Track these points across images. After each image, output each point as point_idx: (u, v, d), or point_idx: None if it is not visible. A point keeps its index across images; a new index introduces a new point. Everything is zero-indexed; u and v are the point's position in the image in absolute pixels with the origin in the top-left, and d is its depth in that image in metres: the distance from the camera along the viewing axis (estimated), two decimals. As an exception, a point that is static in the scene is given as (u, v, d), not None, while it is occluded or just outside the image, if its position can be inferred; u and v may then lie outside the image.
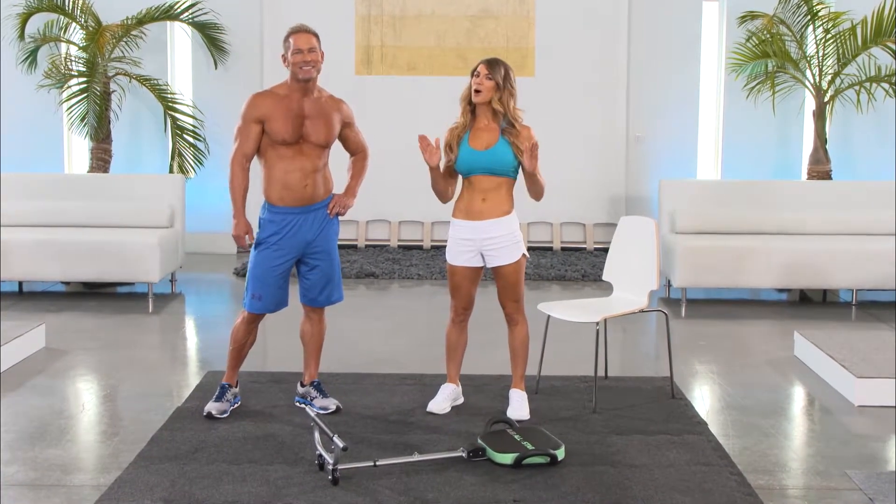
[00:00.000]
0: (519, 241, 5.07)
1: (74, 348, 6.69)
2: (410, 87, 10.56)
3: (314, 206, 5.08)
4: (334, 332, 5.58)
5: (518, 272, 5.09)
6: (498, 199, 5.04)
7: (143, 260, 8.13)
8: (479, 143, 5.04)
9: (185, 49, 10.59)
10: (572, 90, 10.57)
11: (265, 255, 5.10)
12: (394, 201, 10.74)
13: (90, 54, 9.61)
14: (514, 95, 5.02)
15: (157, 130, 10.37)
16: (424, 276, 9.36)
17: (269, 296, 5.11)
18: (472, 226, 5.07)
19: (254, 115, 5.00)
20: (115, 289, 8.78)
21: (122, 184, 9.04)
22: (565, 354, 6.31)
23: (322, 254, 5.14)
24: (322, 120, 5.05)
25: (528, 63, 10.54)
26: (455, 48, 10.53)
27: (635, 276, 5.54)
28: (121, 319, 7.63)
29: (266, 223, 5.10)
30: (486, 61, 5.00)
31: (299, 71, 4.97)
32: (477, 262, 5.14)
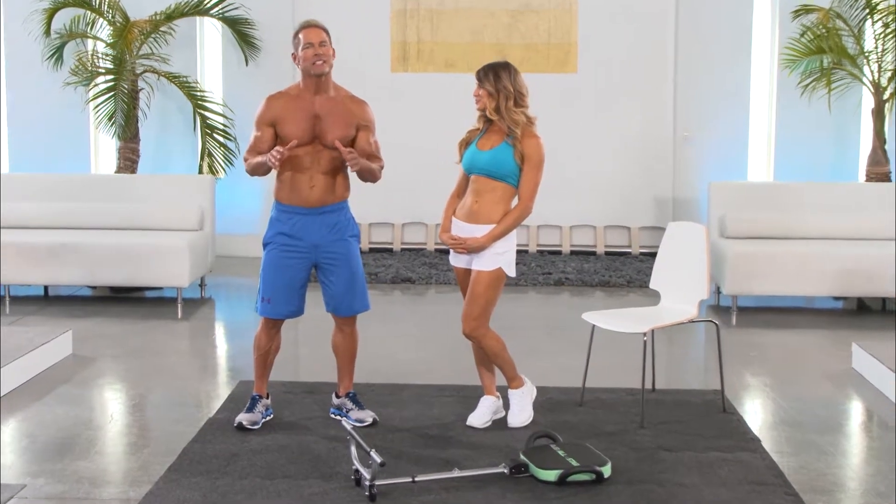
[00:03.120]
0: (499, 253, 5.02)
1: (102, 355, 6.75)
2: (448, 84, 10.56)
3: (322, 209, 5.09)
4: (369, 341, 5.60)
5: (487, 284, 5.03)
6: (490, 203, 5.03)
7: (171, 264, 8.19)
8: (485, 143, 5.07)
9: (215, 45, 10.65)
10: (616, 87, 10.54)
11: (273, 256, 5.14)
12: (431, 203, 10.68)
13: (118, 51, 9.68)
14: (512, 98, 4.97)
15: (186, 129, 10.44)
16: (462, 282, 9.35)
17: (280, 300, 5.13)
18: (461, 226, 5.10)
19: (266, 118, 5.05)
20: (142, 293, 8.86)
21: (151, 185, 9.11)
22: (611, 365, 6.29)
23: (339, 260, 5.14)
24: (337, 119, 5.05)
25: (571, 59, 10.52)
26: (494, 44, 10.52)
27: (684, 284, 5.51)
28: (149, 325, 7.69)
29: (274, 222, 5.16)
30: (478, 71, 5.02)
31: (311, 66, 4.99)
32: (469, 265, 5.14)
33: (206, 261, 8.84)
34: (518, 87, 5.00)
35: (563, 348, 6.99)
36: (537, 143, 5.00)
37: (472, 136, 5.15)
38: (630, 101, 10.56)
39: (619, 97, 10.53)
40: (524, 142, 4.98)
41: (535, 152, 5.00)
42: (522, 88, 5.02)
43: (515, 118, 4.96)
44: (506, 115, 4.96)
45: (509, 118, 4.97)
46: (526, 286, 9.17)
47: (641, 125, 10.59)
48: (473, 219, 5.05)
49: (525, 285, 9.18)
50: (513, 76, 5.00)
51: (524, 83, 5.04)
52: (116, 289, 8.82)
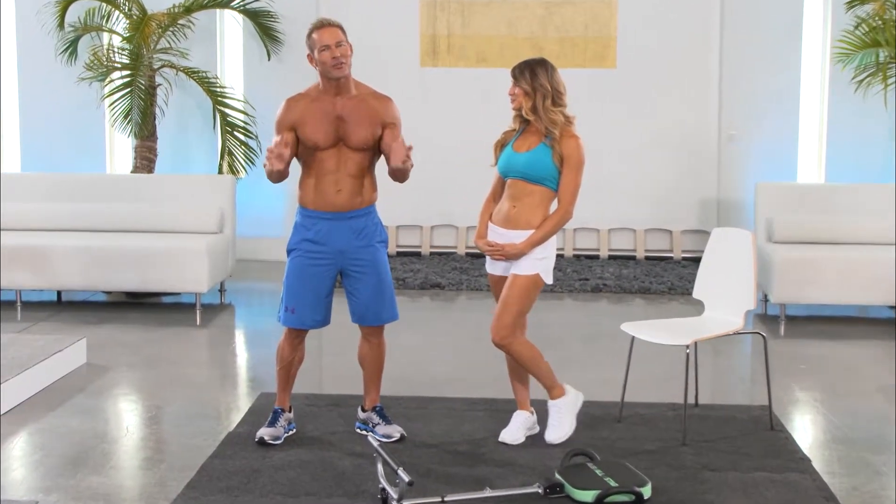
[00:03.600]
0: (539, 258, 5.02)
1: (117, 364, 6.80)
2: (480, 79, 10.56)
3: (349, 213, 5.10)
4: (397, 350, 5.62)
5: (522, 288, 5.03)
6: (528, 208, 5.03)
7: (190, 268, 8.24)
8: (522, 145, 5.06)
9: (237, 39, 10.70)
10: (658, 82, 10.50)
11: (297, 263, 5.15)
12: (461, 204, 10.74)
13: (134, 45, 9.75)
14: (549, 96, 4.96)
15: (205, 127, 10.49)
16: (494, 288, 9.35)
17: (304, 309, 5.14)
18: (498, 232, 5.09)
19: (286, 121, 5.06)
20: (159, 299, 8.91)
21: (168, 185, 9.16)
22: (651, 378, 6.28)
23: (365, 266, 5.15)
24: (361, 120, 5.06)
25: (610, 53, 10.50)
26: (529, 37, 10.52)
27: (730, 294, 5.49)
28: (166, 333, 7.74)
29: (298, 228, 5.18)
30: (513, 68, 5.03)
31: (332, 69, 4.99)
32: (507, 271, 5.13)
33: (226, 265, 8.88)
34: (556, 84, 5.00)
35: (601, 360, 6.98)
36: (577, 143, 5.00)
37: (508, 138, 5.14)
38: (672, 97, 10.53)
39: (661, 93, 10.50)
40: (563, 142, 4.97)
41: (574, 153, 4.99)
42: (560, 86, 5.01)
43: (553, 118, 4.96)
44: (543, 114, 4.96)
45: (547, 118, 4.96)
46: (562, 293, 9.16)
47: (684, 123, 10.55)
48: (511, 224, 5.04)
49: (561, 292, 9.18)
50: (550, 73, 5.00)
51: (562, 80, 5.03)
52: (132, 294, 8.87)
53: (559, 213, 5.04)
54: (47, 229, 8.83)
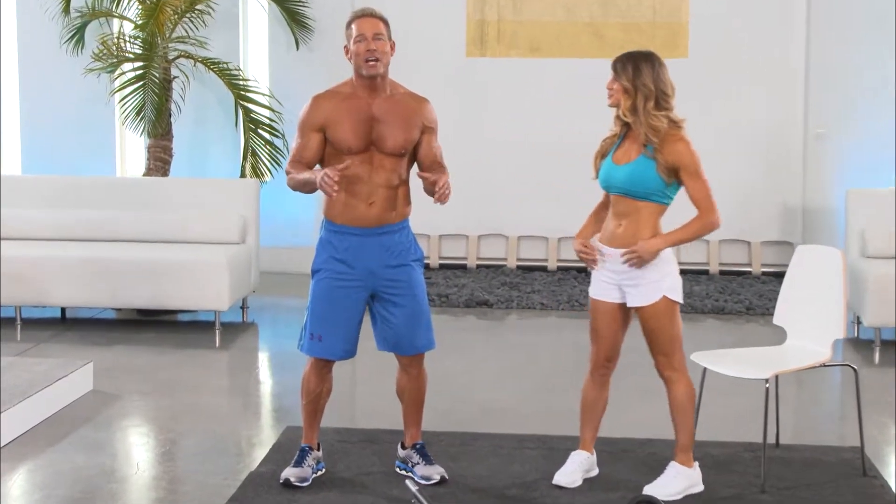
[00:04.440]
0: (659, 280, 4.98)
1: (127, 391, 6.86)
2: (533, 71, 10.57)
3: (381, 228, 5.10)
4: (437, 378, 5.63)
5: (657, 318, 5.00)
6: (635, 226, 4.99)
7: (208, 283, 8.30)
8: (622, 156, 5.02)
9: (261, 26, 10.77)
10: (735, 75, 10.45)
11: (323, 286, 5.15)
12: (511, 211, 10.76)
13: (148, 33, 9.80)
14: (652, 98, 4.91)
15: (226, 125, 10.56)
16: (549, 306, 9.36)
17: (332, 337, 5.14)
18: (606, 251, 5.07)
19: (313, 122, 5.05)
20: (175, 317, 8.98)
21: (185, 189, 9.24)
22: (725, 414, 6.25)
23: (401, 288, 5.15)
24: (397, 123, 5.06)
25: (680, 41, 10.47)
26: (588, 23, 10.51)
27: (816, 321, 5.45)
28: (182, 356, 7.80)
29: (324, 245, 5.16)
30: (614, 60, 4.99)
31: (363, 65, 4.99)
32: (618, 297, 5.11)
33: (249, 279, 8.94)
34: (661, 85, 4.90)
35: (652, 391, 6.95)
36: (683, 147, 4.91)
37: (608, 147, 5.08)
38: (752, 91, 10.47)
39: (739, 87, 10.45)
40: (668, 149, 4.88)
41: (685, 159, 4.91)
42: (667, 87, 4.93)
43: (655, 124, 4.87)
44: (643, 118, 4.91)
45: (647, 123, 4.89)
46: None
47: (766, 121, 10.50)
48: (618, 243, 5.00)
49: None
50: (656, 72, 4.91)
51: (670, 80, 4.93)
52: (144, 312, 8.94)
53: (700, 220, 4.98)
54: (50, 238, 8.91)
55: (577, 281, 10.22)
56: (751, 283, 10.17)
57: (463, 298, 9.49)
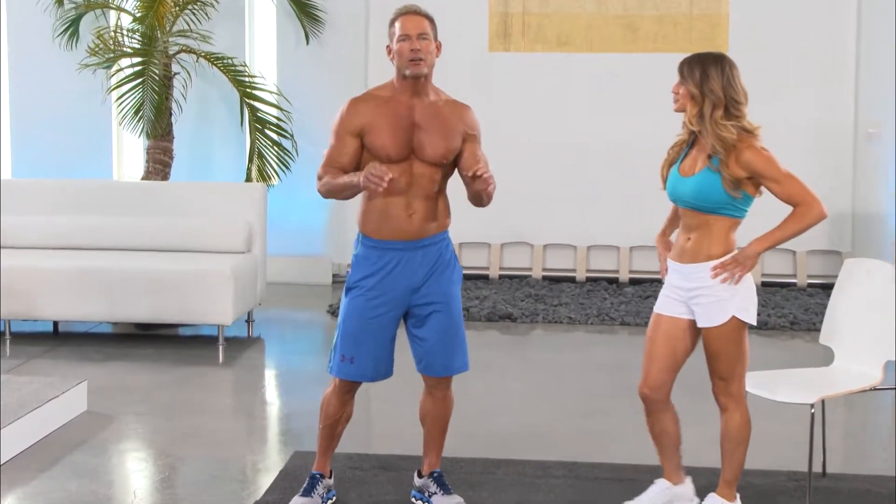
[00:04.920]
0: (729, 297, 4.90)
1: (123, 413, 6.87)
2: (560, 67, 10.57)
3: (422, 241, 5.09)
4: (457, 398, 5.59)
5: (721, 340, 4.95)
6: (705, 239, 4.92)
7: (211, 295, 8.31)
8: (689, 166, 4.94)
9: (269, 19, 10.80)
10: (780, 72, 10.43)
11: (358, 304, 5.13)
12: (536, 217, 10.76)
13: (147, 26, 9.83)
14: (721, 106, 4.79)
15: (231, 124, 10.59)
16: (578, 320, 9.35)
17: (364, 358, 5.13)
18: (675, 268, 5.02)
19: (351, 126, 5.02)
20: (175, 332, 9.00)
21: (186, 194, 9.26)
22: (767, 440, 6.21)
23: (437, 304, 5.14)
24: (438, 130, 5.05)
25: (720, 35, 10.46)
26: (621, 15, 10.51)
27: (866, 340, 5.42)
28: (182, 374, 7.80)
29: (360, 261, 5.14)
30: (681, 63, 4.91)
31: (407, 65, 4.98)
32: (684, 313, 5.04)
33: (255, 291, 8.95)
34: (731, 92, 4.81)
35: (704, 413, 6.91)
36: (753, 154, 4.79)
37: (676, 155, 5.04)
38: (797, 89, 10.46)
39: (783, 85, 10.42)
40: (741, 159, 4.76)
41: (758, 165, 4.78)
42: (738, 94, 4.83)
43: (722, 134, 4.78)
44: (710, 127, 4.84)
45: (714, 133, 4.80)
46: (659, 328, 9.11)
47: (812, 120, 10.48)
48: (688, 258, 4.95)
49: (658, 326, 9.12)
50: (727, 77, 4.82)
51: (742, 86, 4.84)
52: (143, 326, 8.97)
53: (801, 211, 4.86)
54: (42, 247, 8.95)
55: (608, 293, 10.21)
56: (796, 295, 10.14)
57: (484, 312, 9.48)
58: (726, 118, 4.81)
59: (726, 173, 4.79)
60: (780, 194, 4.83)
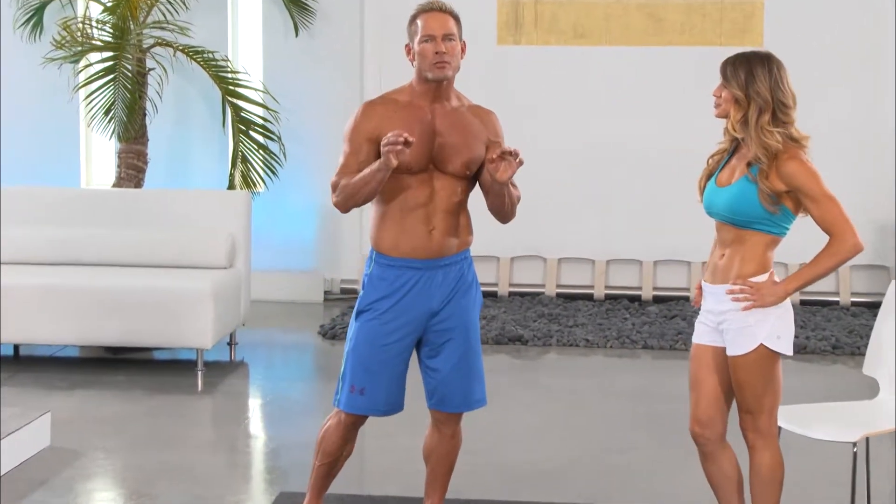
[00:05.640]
0: (758, 322, 4.85)
1: (91, 448, 6.85)
2: (577, 61, 10.56)
3: (443, 260, 5.08)
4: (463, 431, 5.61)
5: (748, 370, 4.91)
6: (740, 257, 4.90)
7: (190, 315, 8.30)
8: (726, 175, 4.91)
9: (254, 9, 10.80)
10: (818, 69, 10.41)
11: (371, 329, 5.11)
12: (551, 229, 10.75)
13: (118, 17, 9.82)
14: (768, 111, 4.73)
15: (212, 126, 10.59)
16: (596, 343, 9.34)
17: (377, 389, 5.11)
18: (710, 291, 5.00)
19: (366, 131, 5.01)
20: (149, 356, 8.98)
21: (162, 203, 9.25)
22: (804, 479, 6.20)
23: (455, 331, 5.13)
24: (461, 138, 5.05)
25: (754, 27, 10.45)
26: (644, 4, 10.50)
27: (914, 370, 5.42)
28: (157, 403, 7.79)
29: (374, 282, 5.12)
30: (723, 63, 4.88)
31: (431, 68, 4.97)
32: (718, 340, 5.02)
33: (238, 310, 8.94)
34: (780, 95, 4.76)
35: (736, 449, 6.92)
36: (797, 166, 4.74)
37: (716, 165, 5.02)
38: (838, 88, 10.45)
39: (823, 83, 10.40)
40: (783, 170, 4.70)
41: (800, 179, 4.73)
42: (787, 98, 4.78)
43: (766, 142, 4.73)
44: (754, 133, 4.78)
45: (758, 140, 4.75)
46: (685, 350, 9.09)
47: (854, 122, 10.46)
48: (719, 277, 4.90)
49: (684, 349, 9.11)
50: (775, 78, 4.77)
51: (791, 89, 4.81)
52: (113, 349, 8.95)
53: (834, 246, 4.82)
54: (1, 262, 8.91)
55: (629, 312, 10.20)
56: (838, 315, 10.12)
57: (492, 333, 9.47)
58: (773, 124, 4.78)
59: (764, 185, 4.74)
60: (816, 216, 4.79)
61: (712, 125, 5.02)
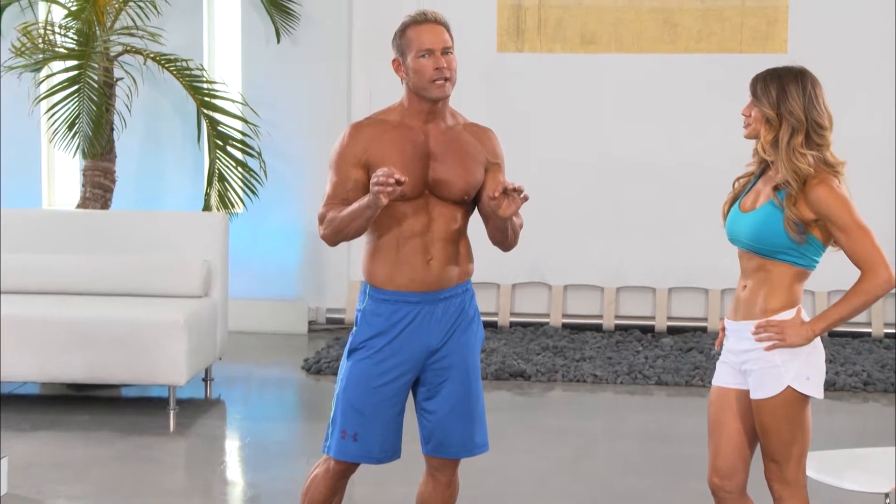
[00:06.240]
0: (784, 363, 4.82)
1: (52, 495, 6.83)
2: (584, 70, 10.58)
3: (442, 293, 5.06)
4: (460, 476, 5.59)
5: (773, 414, 4.90)
6: (762, 290, 4.88)
7: (161, 349, 8.28)
8: (751, 199, 4.90)
9: (232, 13, 10.81)
10: (847, 78, 10.41)
11: (363, 368, 5.09)
12: (556, 253, 10.75)
13: (84, 22, 9.83)
14: (802, 131, 4.70)
15: (186, 141, 10.59)
16: (605, 379, 9.33)
17: (371, 435, 5.08)
18: (732, 329, 4.98)
19: (353, 156, 4.99)
20: (117, 393, 8.96)
21: (131, 226, 9.25)
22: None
23: (454, 370, 5.11)
24: (458, 161, 5.03)
25: (777, 33, 10.47)
26: (658, 8, 10.51)
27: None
28: (125, 446, 7.77)
29: (367, 318, 5.10)
30: (753, 80, 4.86)
31: (429, 86, 4.93)
32: (741, 383, 5.00)
33: (215, 343, 8.93)
34: (815, 115, 4.73)
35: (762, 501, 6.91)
36: (826, 192, 4.70)
37: (742, 188, 5.00)
38: (871, 99, 10.47)
39: (854, 93, 10.42)
40: (811, 196, 4.70)
41: (829, 207, 4.70)
42: (822, 117, 4.75)
43: (797, 165, 4.70)
44: (785, 156, 4.77)
45: (788, 162, 4.73)
46: (702, 387, 9.08)
47: (886, 136, 10.47)
48: (742, 312, 4.86)
49: (702, 386, 9.09)
50: (808, 96, 4.74)
51: (827, 108, 4.77)
52: (77, 386, 8.93)
53: (864, 284, 4.75)
54: (-44, 291, 8.92)
55: (642, 345, 10.20)
56: (870, 348, 10.12)
57: (492, 368, 9.46)
58: (807, 146, 4.74)
59: (791, 212, 4.71)
60: (846, 247, 4.75)
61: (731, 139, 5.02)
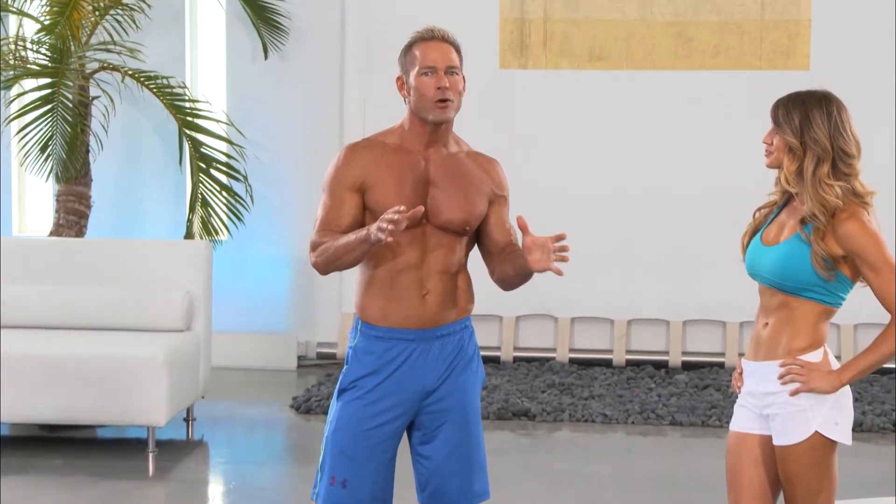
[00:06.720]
0: (811, 407, 4.77)
1: (23, 546, 6.85)
2: (592, 88, 10.59)
3: (439, 330, 5.06)
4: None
5: (799, 461, 4.86)
6: (786, 329, 4.86)
7: (139, 387, 8.25)
8: (775, 232, 4.89)
9: (216, 28, 10.83)
10: (874, 97, 10.43)
11: (355, 410, 5.08)
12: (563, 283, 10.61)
13: (57, 37, 9.83)
14: (828, 161, 4.67)
15: (167, 164, 10.59)
16: (615, 418, 9.32)
17: (361, 481, 5.08)
18: (752, 370, 4.97)
19: (348, 180, 4.99)
20: (93, 434, 8.95)
21: (108, 254, 9.23)
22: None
23: (452, 413, 5.10)
24: (459, 190, 5.03)
25: (799, 48, 10.48)
26: (671, 22, 10.53)
27: None
28: (101, 491, 7.76)
29: (359, 356, 5.09)
30: (774, 106, 4.85)
31: (431, 107, 4.94)
32: (763, 428, 4.99)
33: (197, 380, 8.92)
34: (842, 143, 4.71)
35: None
36: (856, 227, 4.68)
37: (763, 219, 5.00)
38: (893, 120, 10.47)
39: (879, 113, 10.42)
40: (839, 231, 4.68)
41: (859, 243, 4.68)
42: (850, 145, 4.72)
43: (825, 197, 4.68)
44: (810, 187, 4.75)
45: (814, 194, 4.71)
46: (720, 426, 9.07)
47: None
48: (762, 352, 4.82)
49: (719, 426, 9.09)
50: (833, 122, 4.71)
51: (854, 134, 4.75)
52: (50, 427, 8.92)
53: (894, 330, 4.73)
54: (-79, 325, 8.92)
55: (654, 382, 10.19)
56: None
57: (494, 407, 9.45)
58: (833, 176, 4.72)
59: (819, 247, 4.70)
60: (875, 288, 4.72)
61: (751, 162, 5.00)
